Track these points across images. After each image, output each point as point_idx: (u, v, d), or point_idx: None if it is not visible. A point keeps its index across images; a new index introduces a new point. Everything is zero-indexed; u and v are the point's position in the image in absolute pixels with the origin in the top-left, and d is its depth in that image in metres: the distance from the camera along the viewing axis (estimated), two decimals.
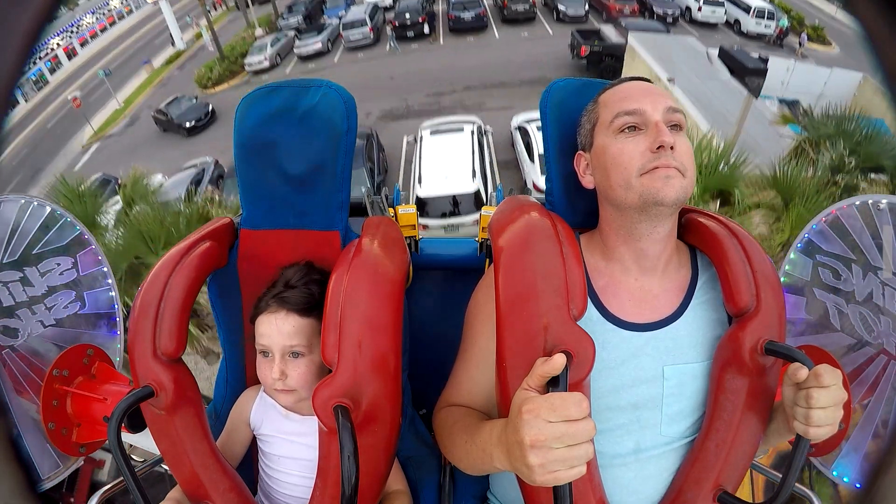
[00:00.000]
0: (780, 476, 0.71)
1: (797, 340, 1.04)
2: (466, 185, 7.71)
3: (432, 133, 8.99)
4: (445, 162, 8.16)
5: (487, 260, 1.25)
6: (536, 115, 10.24)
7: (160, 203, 5.04)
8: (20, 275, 1.05)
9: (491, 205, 1.42)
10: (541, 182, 8.04)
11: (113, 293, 1.15)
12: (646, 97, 0.78)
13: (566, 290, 0.71)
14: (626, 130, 0.77)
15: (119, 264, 4.51)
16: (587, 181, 0.85)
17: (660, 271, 0.82)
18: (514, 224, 0.79)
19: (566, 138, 0.93)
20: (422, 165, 8.23)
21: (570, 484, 0.59)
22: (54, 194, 4.81)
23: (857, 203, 0.99)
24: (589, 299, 0.76)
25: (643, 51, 9.78)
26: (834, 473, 0.97)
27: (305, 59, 17.19)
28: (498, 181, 9.28)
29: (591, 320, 0.79)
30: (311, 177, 0.98)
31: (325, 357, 0.78)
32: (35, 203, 1.09)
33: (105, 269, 1.15)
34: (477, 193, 7.65)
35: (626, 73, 10.57)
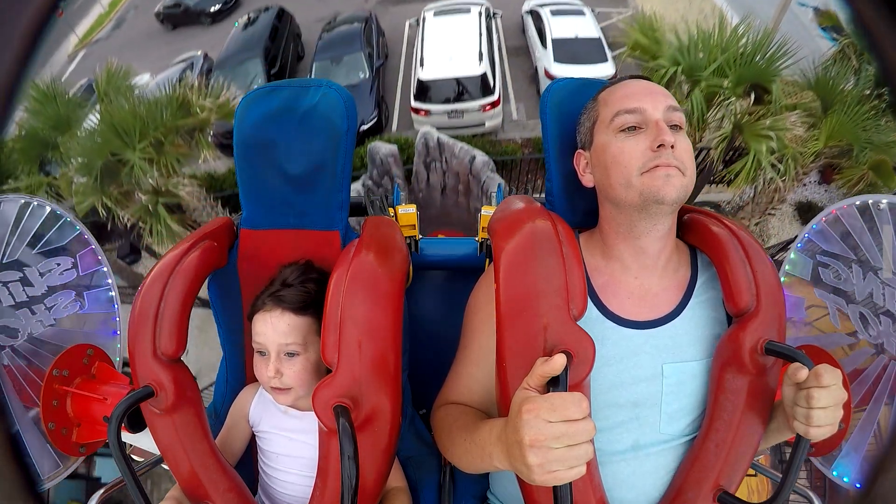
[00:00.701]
0: (780, 476, 0.71)
1: (797, 340, 1.04)
2: (472, 67, 7.21)
3: (436, 14, 8.42)
4: (450, 43, 7.62)
5: (487, 260, 1.25)
6: None
7: (142, 98, 4.59)
8: (20, 275, 1.05)
9: (491, 204, 1.42)
10: (553, 69, 7.48)
11: (113, 293, 1.15)
12: (646, 96, 0.78)
13: (566, 290, 0.72)
14: (627, 129, 0.77)
15: (94, 162, 4.27)
16: (587, 179, 0.85)
17: (659, 269, 0.82)
18: (514, 224, 0.79)
19: (566, 138, 0.93)
20: (424, 47, 7.70)
21: (569, 484, 0.59)
22: (25, 99, 4.50)
23: (857, 203, 1.00)
24: (588, 297, 0.76)
25: None
26: (834, 473, 0.97)
27: None
28: (507, 67, 8.73)
29: (591, 318, 0.79)
30: (311, 177, 0.98)
31: (325, 357, 0.78)
32: (35, 203, 1.09)
33: (105, 268, 1.15)
34: (484, 77, 7.17)
35: None
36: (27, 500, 0.31)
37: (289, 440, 0.93)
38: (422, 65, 7.43)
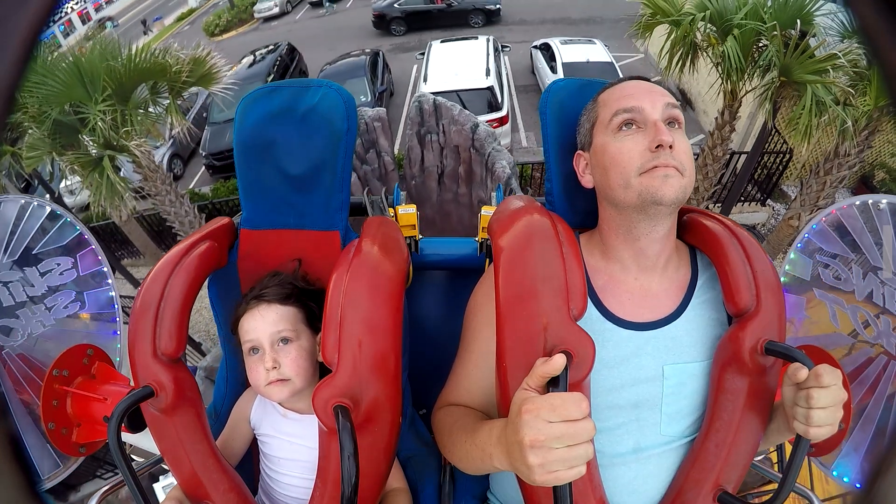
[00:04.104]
0: (780, 476, 0.71)
1: (797, 340, 1.04)
2: (479, 81, 6.78)
3: (443, 41, 8.03)
4: (456, 62, 7.20)
5: (487, 260, 1.25)
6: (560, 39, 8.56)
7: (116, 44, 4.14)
8: (20, 275, 1.06)
9: (491, 204, 1.42)
10: None
11: (113, 293, 1.15)
12: (645, 95, 0.78)
13: (566, 291, 0.71)
14: (625, 127, 0.77)
15: (49, 110, 3.80)
16: (586, 181, 0.85)
17: (659, 270, 0.82)
18: (514, 224, 0.79)
19: (566, 138, 0.93)
20: (428, 66, 7.26)
21: (569, 484, 0.58)
22: None
23: (857, 203, 1.00)
24: (588, 298, 0.76)
25: None
26: (834, 473, 0.97)
27: (315, 4, 16.70)
28: (515, 101, 8.33)
29: (591, 319, 0.79)
30: (311, 177, 0.98)
31: (325, 357, 0.78)
32: (35, 203, 1.09)
33: (105, 269, 1.15)
34: (491, 90, 6.67)
35: None
36: (27, 500, 0.31)
37: (289, 444, 0.93)
38: (425, 80, 7.11)
